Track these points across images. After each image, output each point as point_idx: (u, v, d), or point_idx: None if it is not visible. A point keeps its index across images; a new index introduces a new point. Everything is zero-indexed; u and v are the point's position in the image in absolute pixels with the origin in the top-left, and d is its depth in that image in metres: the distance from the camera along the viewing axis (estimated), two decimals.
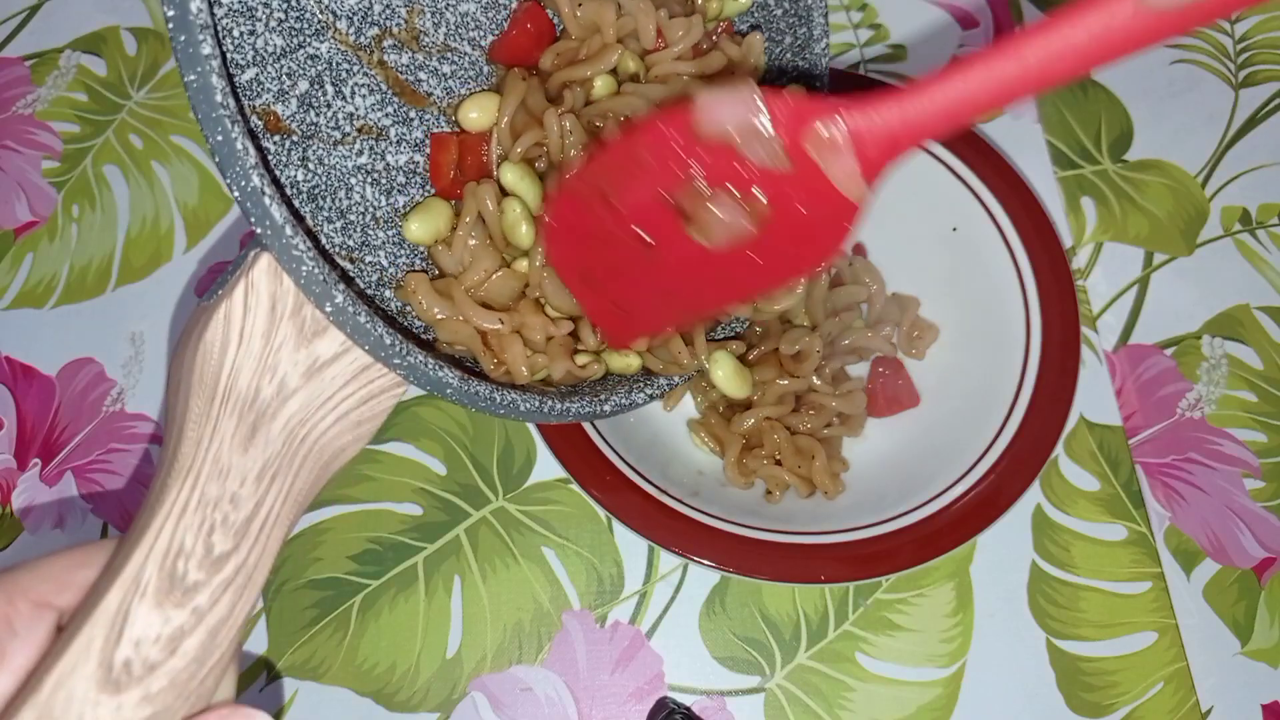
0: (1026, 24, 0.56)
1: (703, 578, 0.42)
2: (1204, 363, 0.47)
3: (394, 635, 0.41)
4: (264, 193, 0.24)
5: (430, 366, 0.28)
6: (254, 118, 0.28)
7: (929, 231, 0.45)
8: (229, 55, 0.27)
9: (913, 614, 0.42)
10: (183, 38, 0.23)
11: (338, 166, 0.31)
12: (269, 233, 0.24)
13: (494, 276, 0.34)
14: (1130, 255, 0.50)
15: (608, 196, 0.32)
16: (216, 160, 0.24)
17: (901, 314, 0.45)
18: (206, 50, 0.23)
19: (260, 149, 0.25)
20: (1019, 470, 0.39)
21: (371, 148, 0.32)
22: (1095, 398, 0.46)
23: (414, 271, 0.33)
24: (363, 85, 0.32)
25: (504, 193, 0.34)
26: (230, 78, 0.26)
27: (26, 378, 0.47)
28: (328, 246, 0.30)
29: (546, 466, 0.44)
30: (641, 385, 0.37)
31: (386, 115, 0.32)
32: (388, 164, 0.32)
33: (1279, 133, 0.52)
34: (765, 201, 0.29)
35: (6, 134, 0.53)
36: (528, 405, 0.31)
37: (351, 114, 0.31)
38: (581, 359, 0.34)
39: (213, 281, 0.48)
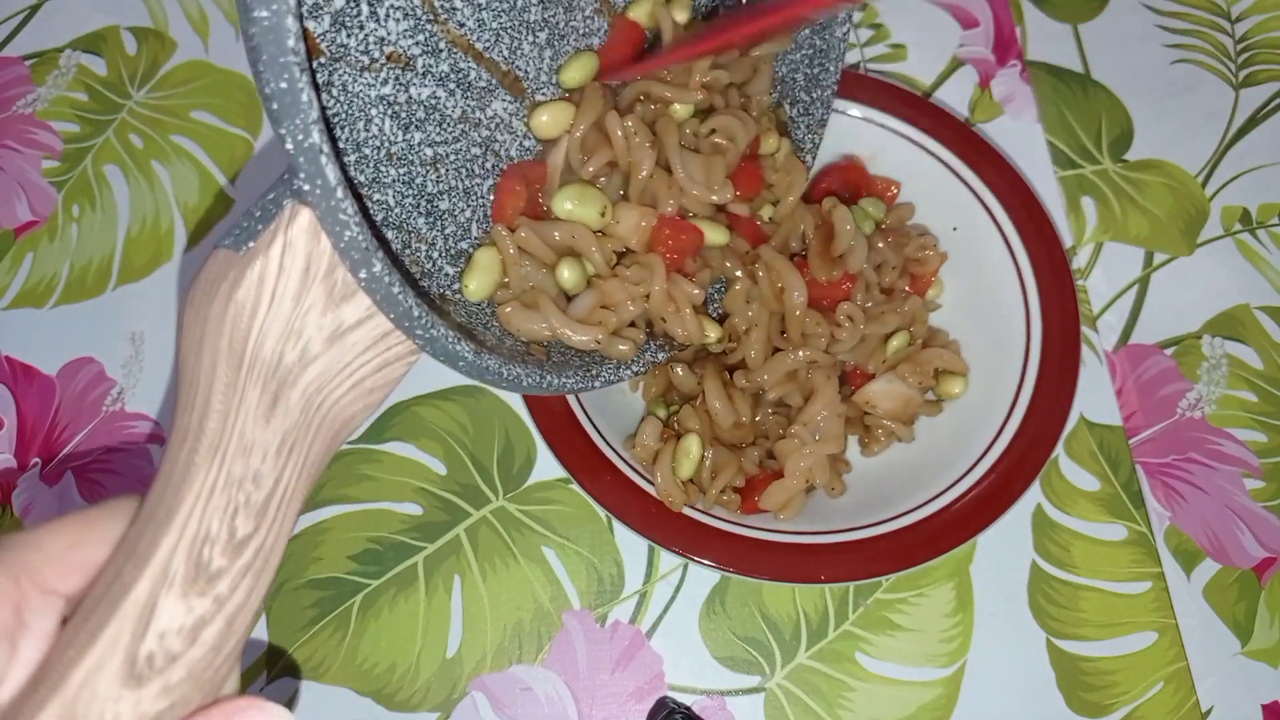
0: (1026, 25, 0.56)
1: (703, 577, 0.42)
2: (1204, 363, 0.47)
3: (394, 635, 0.41)
4: (321, 150, 0.22)
5: (449, 340, 0.27)
6: None
7: (929, 231, 0.45)
8: None
9: (913, 614, 0.42)
10: None
11: (360, 95, 0.29)
12: (318, 192, 0.23)
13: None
14: (1130, 255, 0.50)
15: None
16: (273, 108, 0.22)
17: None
18: None
19: (321, 101, 0.23)
20: (1019, 470, 0.39)
21: (397, 78, 0.30)
22: (1095, 398, 0.46)
23: (502, 306, 0.33)
24: (398, 7, 0.30)
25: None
26: (301, 17, 0.23)
27: (26, 377, 0.47)
28: None
29: (546, 466, 0.44)
30: (631, 362, 0.37)
31: (416, 44, 0.31)
32: (409, 96, 0.31)
33: (1279, 133, 0.52)
34: None
35: (6, 133, 0.53)
36: (529, 380, 0.31)
37: (383, 39, 0.30)
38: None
39: None
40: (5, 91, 0.54)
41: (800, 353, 0.39)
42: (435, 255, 0.32)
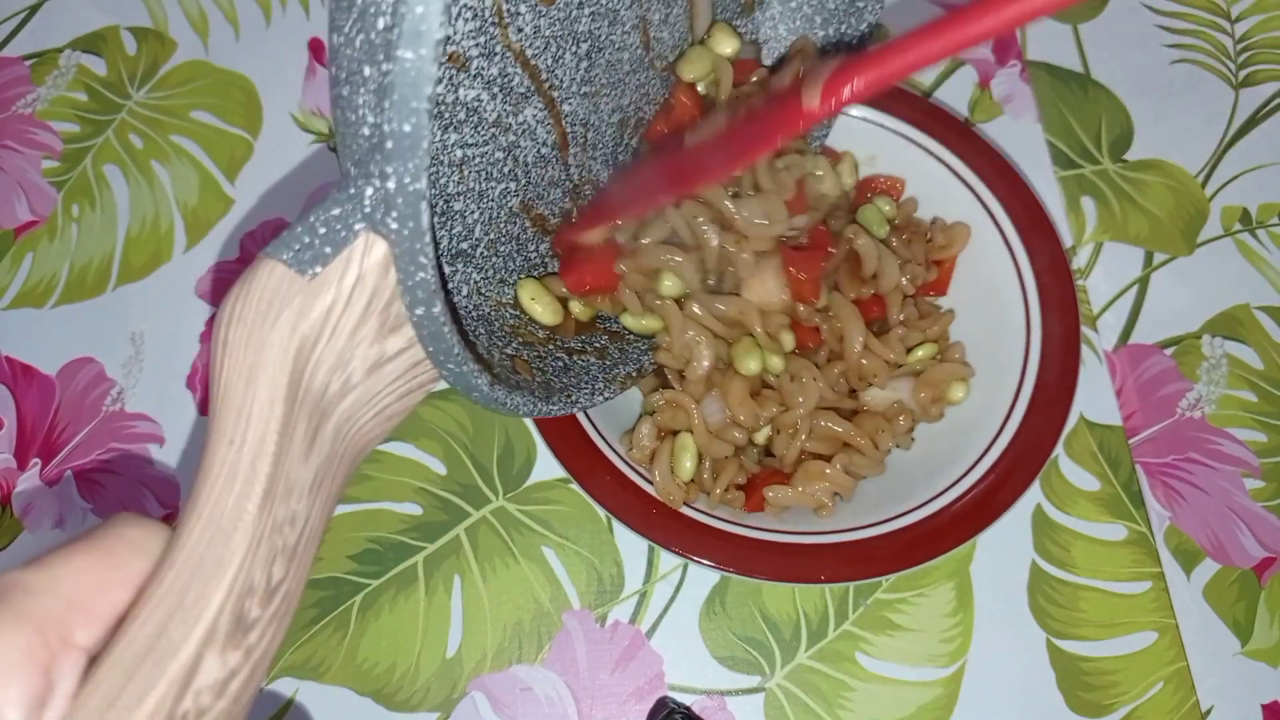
0: (1026, 25, 0.56)
1: (703, 577, 0.42)
2: (1204, 362, 0.47)
3: (394, 635, 0.41)
4: (424, 196, 0.21)
5: (473, 373, 0.27)
6: None
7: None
8: None
9: (913, 614, 0.42)
10: (419, 10, 0.20)
11: None
12: (405, 233, 0.22)
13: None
14: (1130, 255, 0.50)
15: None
16: (386, 146, 0.21)
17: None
18: (439, 35, 0.20)
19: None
20: (1019, 470, 0.39)
21: (451, 78, 0.30)
22: (1095, 397, 0.46)
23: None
24: (469, 7, 0.29)
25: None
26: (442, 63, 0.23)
27: (26, 377, 0.47)
28: None
29: (546, 466, 0.44)
30: (602, 388, 0.38)
31: (476, 46, 0.30)
32: (457, 98, 0.30)
33: (1279, 133, 0.52)
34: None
35: (6, 133, 0.53)
36: (527, 407, 0.32)
37: (448, 38, 0.28)
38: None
39: (215, 284, 0.49)
40: (5, 91, 0.54)
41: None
42: (437, 257, 0.32)
